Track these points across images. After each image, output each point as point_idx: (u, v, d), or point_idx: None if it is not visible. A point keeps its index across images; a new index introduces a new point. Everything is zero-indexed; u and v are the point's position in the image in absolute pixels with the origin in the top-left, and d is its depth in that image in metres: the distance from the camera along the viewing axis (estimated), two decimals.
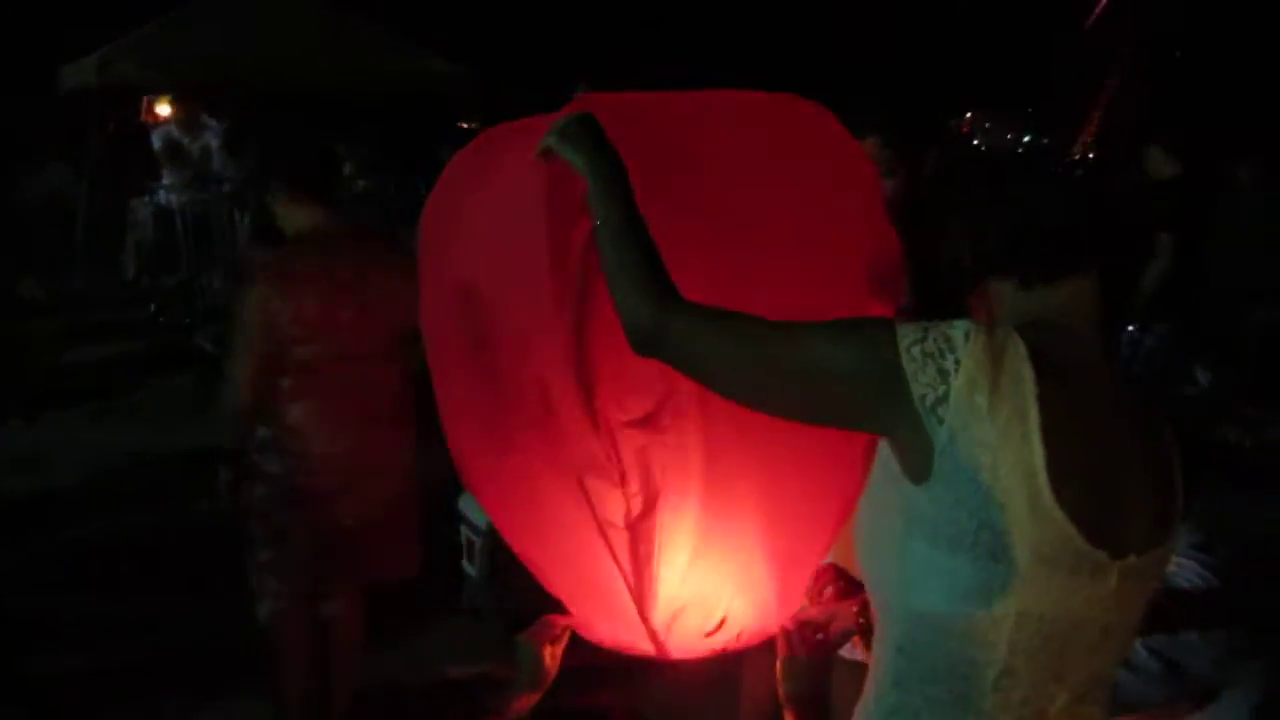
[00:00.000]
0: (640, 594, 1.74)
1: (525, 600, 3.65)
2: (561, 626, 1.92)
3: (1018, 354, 1.14)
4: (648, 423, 1.67)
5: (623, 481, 1.69)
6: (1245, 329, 5.68)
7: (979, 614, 1.14)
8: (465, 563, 3.86)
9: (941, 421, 1.12)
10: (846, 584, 1.87)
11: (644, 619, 1.76)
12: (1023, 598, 1.13)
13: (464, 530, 3.85)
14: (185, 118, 8.06)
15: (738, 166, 1.68)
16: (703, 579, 1.76)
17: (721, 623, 1.80)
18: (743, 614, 1.80)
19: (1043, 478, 1.11)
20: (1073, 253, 1.25)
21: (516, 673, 1.94)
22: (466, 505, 3.83)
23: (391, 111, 11.10)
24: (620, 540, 1.71)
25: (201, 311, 7.43)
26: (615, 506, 1.70)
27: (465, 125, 14.34)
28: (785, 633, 1.79)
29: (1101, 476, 1.16)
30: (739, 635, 1.82)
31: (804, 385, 1.23)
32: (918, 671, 1.20)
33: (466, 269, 1.78)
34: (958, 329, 1.15)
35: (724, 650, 1.84)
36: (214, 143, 8.15)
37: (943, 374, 1.13)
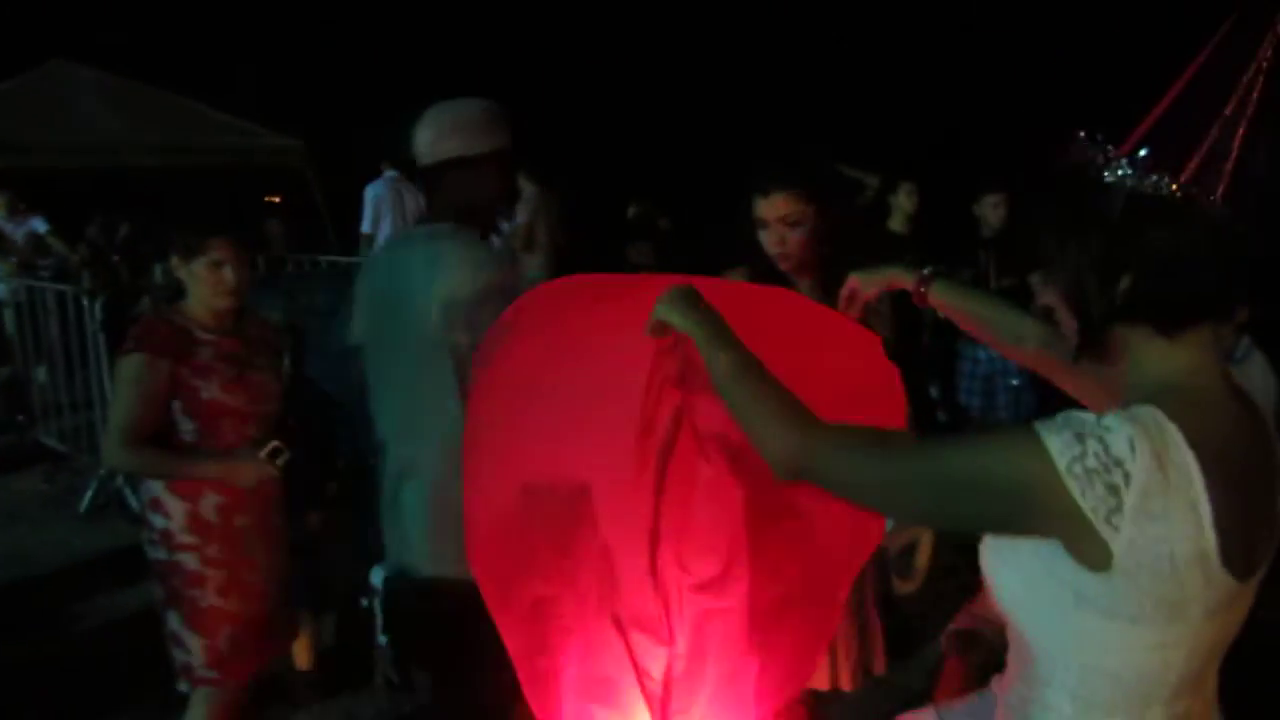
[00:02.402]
0: None
1: (445, 673, 3.64)
2: None
3: (1179, 448, 1.17)
4: (709, 589, 1.84)
5: (670, 641, 1.84)
6: None
7: (1155, 662, 1.25)
8: (380, 635, 3.79)
9: (1118, 530, 1.16)
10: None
11: None
12: (1193, 644, 1.25)
13: (376, 604, 3.79)
14: (5, 205, 7.62)
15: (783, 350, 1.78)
16: None
17: None
18: None
19: (1215, 556, 1.18)
20: (1219, 300, 1.26)
21: None
22: (376, 577, 3.77)
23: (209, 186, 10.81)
24: (654, 691, 1.86)
25: (36, 407, 6.99)
26: (656, 661, 1.86)
27: (272, 199, 14.23)
28: None
29: (1251, 523, 1.23)
30: None
31: (960, 496, 1.24)
32: (1098, 708, 1.29)
33: (525, 416, 1.86)
34: (1117, 436, 1.16)
35: None
36: (40, 229, 7.74)
37: (1113, 489, 1.15)
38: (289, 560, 2.97)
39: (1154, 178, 1.28)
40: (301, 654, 3.86)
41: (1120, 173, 1.28)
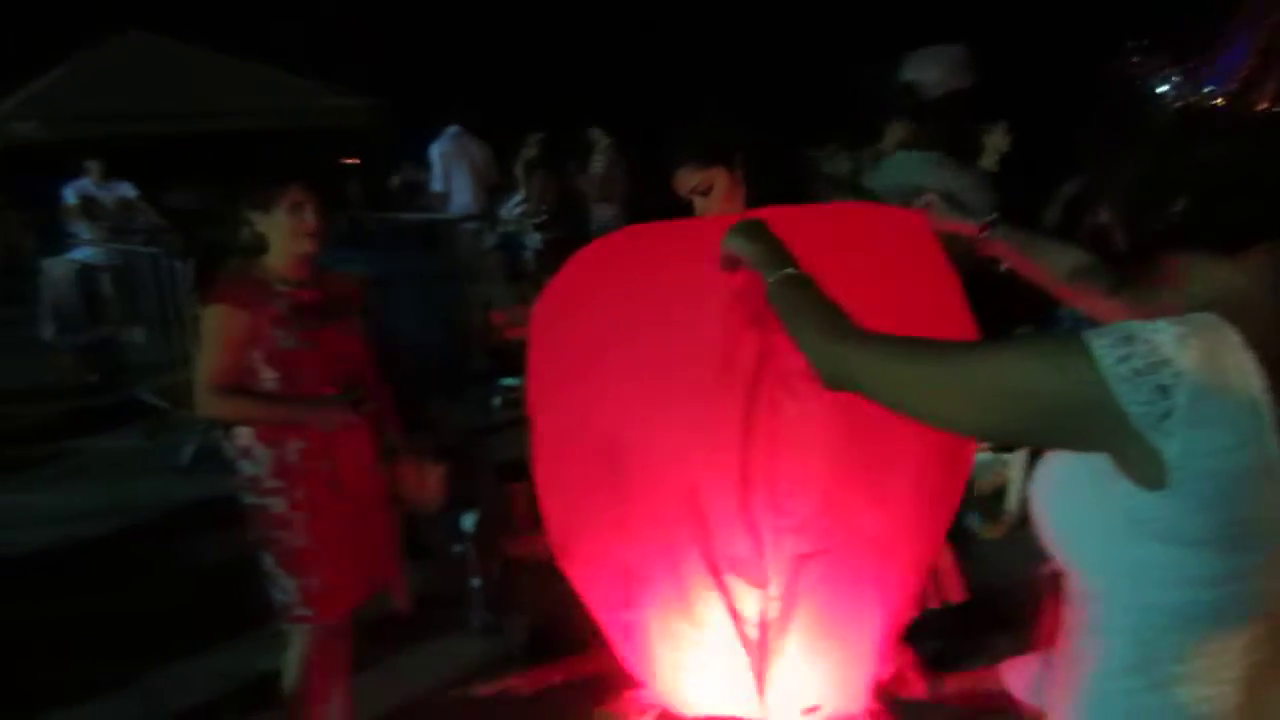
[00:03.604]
0: (760, 679, 1.89)
1: (535, 616, 3.73)
2: (647, 702, 2.01)
3: (1236, 348, 1.08)
4: (804, 530, 1.82)
5: (765, 584, 1.85)
6: None
7: (1227, 597, 1.13)
8: (472, 581, 3.89)
9: (1170, 435, 1.07)
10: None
11: (760, 701, 1.91)
12: (1266, 576, 1.13)
13: (469, 549, 3.89)
14: (99, 171, 7.86)
15: (846, 273, 1.82)
16: (813, 667, 1.93)
17: (816, 706, 1.95)
18: (837, 698, 1.96)
19: None
20: (1269, 219, 1.16)
21: None
22: (467, 523, 3.87)
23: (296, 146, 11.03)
24: (750, 633, 1.87)
25: (134, 366, 7.25)
26: (752, 605, 1.87)
27: (349, 161, 14.46)
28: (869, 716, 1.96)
29: None
30: (829, 717, 1.97)
31: (1003, 404, 1.17)
32: (1165, 653, 1.17)
33: (605, 367, 1.86)
34: (1164, 335, 1.08)
35: None
36: (130, 194, 7.97)
37: (1163, 390, 1.06)
38: (382, 505, 3.05)
39: (1207, 88, 1.20)
40: (399, 598, 3.97)
41: (1171, 85, 1.20)
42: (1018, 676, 2.98)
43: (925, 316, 1.83)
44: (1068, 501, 1.22)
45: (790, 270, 1.46)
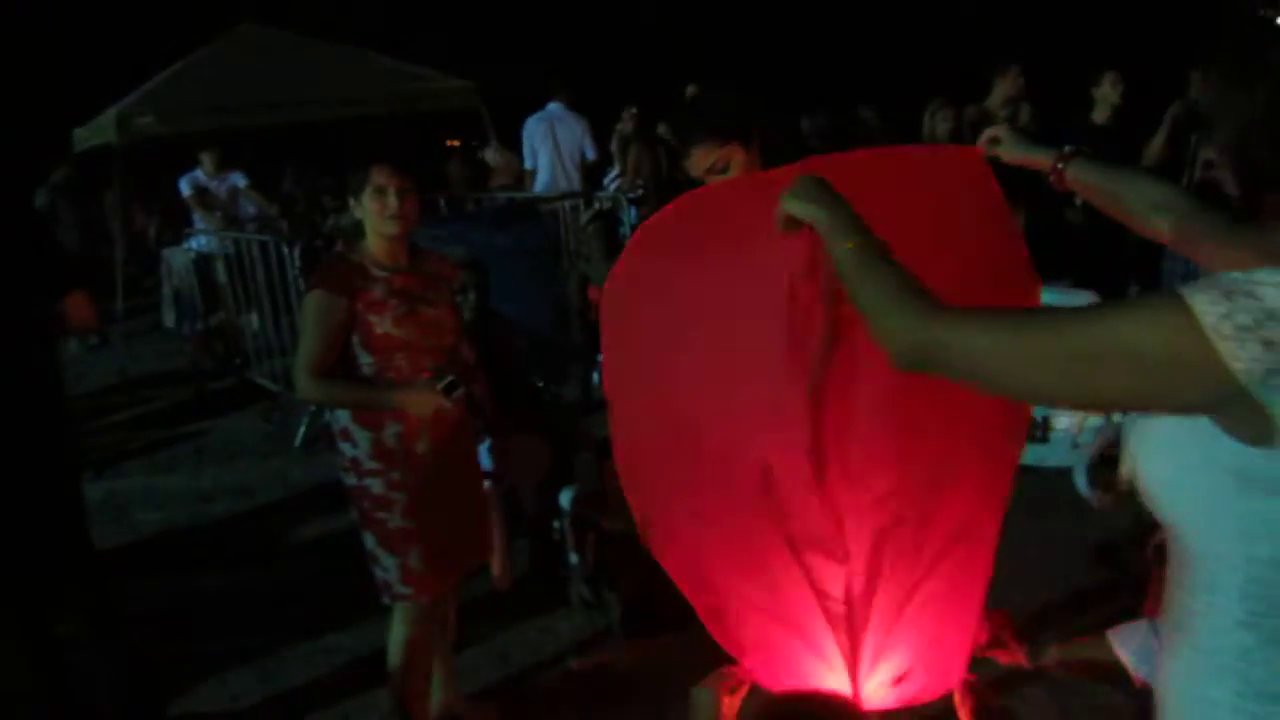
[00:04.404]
0: (853, 656, 1.86)
1: (631, 591, 3.73)
2: (740, 678, 1.98)
3: None
4: (884, 504, 1.78)
5: (846, 559, 1.80)
6: None
7: None
8: (571, 556, 3.91)
9: (1278, 391, 1.03)
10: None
11: (852, 677, 1.88)
12: None
13: (566, 525, 3.91)
14: (211, 162, 8.13)
15: (903, 224, 1.76)
16: (902, 638, 1.89)
17: (907, 674, 1.91)
18: (928, 671, 1.92)
19: None
20: None
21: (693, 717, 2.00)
22: (565, 500, 3.88)
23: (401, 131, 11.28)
24: (836, 610, 1.83)
25: (250, 350, 7.50)
26: (834, 581, 1.83)
27: (450, 143, 14.69)
28: (963, 687, 1.91)
29: None
30: (923, 689, 1.94)
31: (1108, 370, 1.12)
32: (1274, 608, 1.13)
33: (675, 348, 1.83)
34: (1267, 288, 1.03)
35: (910, 702, 1.95)
36: (240, 184, 8.23)
37: (1269, 344, 1.02)
38: (480, 484, 3.08)
39: None
40: (500, 574, 4.02)
41: None
42: (1126, 645, 2.87)
43: (978, 260, 1.78)
44: (1171, 462, 1.18)
45: (858, 239, 1.39)
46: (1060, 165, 1.76)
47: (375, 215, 2.80)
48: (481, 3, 18.55)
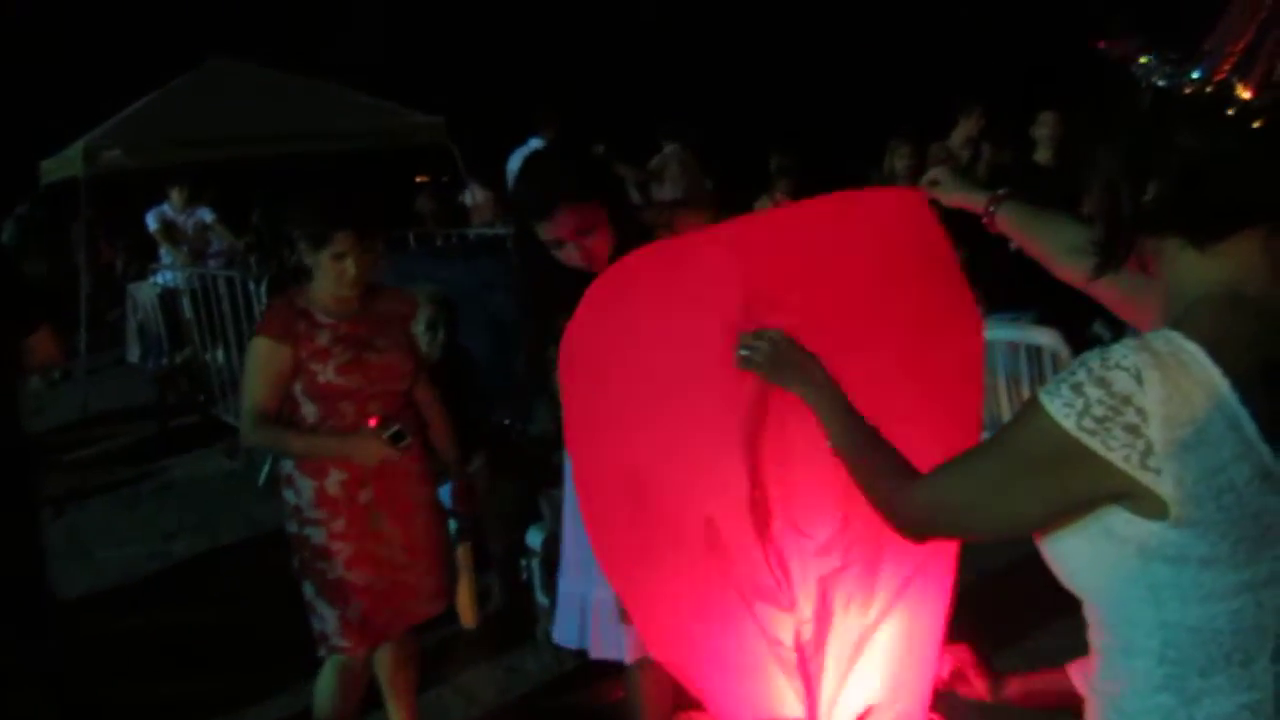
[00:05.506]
0: (809, 701, 1.87)
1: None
2: None
3: (1201, 365, 1.06)
4: (829, 550, 1.82)
5: (793, 607, 1.83)
6: None
7: (1245, 607, 1.11)
8: (538, 594, 3.88)
9: (1159, 472, 1.06)
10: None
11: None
12: None
13: (533, 563, 3.88)
14: (179, 197, 8.09)
15: (844, 274, 1.79)
16: (859, 684, 1.90)
17: (868, 711, 1.91)
18: (893, 706, 1.91)
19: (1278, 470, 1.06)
20: (1260, 207, 1.12)
21: None
22: (533, 539, 3.86)
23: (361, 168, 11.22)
24: (788, 658, 1.85)
25: (216, 387, 7.43)
26: (784, 629, 1.85)
27: (420, 179, 14.69)
28: None
29: None
30: None
31: (1017, 495, 1.19)
32: (1192, 669, 1.15)
33: (622, 401, 1.84)
34: (1119, 373, 1.07)
35: None
36: (208, 219, 8.19)
37: (1132, 430, 1.06)
38: (435, 529, 3.01)
39: (1194, 75, 1.14)
40: (466, 613, 3.98)
41: (1152, 69, 1.15)
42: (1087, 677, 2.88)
43: (919, 302, 1.81)
44: (1076, 541, 1.20)
45: (853, 424, 1.49)
46: (991, 208, 1.76)
47: (332, 279, 2.75)
48: (464, 34, 18.66)
